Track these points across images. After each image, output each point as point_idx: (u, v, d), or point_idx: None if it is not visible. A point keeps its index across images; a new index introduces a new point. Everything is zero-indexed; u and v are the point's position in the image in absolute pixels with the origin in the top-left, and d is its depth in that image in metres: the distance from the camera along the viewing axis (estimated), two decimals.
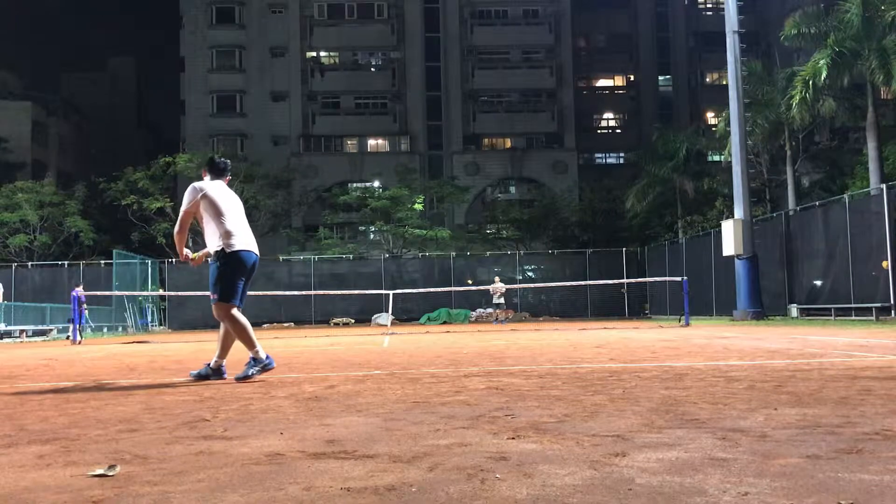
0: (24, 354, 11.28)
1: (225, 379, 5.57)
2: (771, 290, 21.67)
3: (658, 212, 36.37)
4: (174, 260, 35.37)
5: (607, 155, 58.10)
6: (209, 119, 52.59)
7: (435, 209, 43.44)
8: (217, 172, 5.83)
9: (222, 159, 5.97)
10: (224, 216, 5.50)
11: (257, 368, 5.43)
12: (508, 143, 54.30)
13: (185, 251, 5.65)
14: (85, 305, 21.44)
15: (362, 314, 31.89)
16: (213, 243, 5.52)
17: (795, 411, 3.24)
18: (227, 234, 5.46)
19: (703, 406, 3.47)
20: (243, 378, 5.37)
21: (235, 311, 5.49)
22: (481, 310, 32.07)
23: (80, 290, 21.52)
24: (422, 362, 6.94)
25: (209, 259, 5.57)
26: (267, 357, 5.48)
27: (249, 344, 5.47)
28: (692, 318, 20.30)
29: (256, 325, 31.77)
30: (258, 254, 5.70)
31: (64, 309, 24.60)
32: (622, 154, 55.69)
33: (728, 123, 24.01)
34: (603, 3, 55.53)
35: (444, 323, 29.26)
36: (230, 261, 5.46)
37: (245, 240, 5.56)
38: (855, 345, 8.07)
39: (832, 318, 18.21)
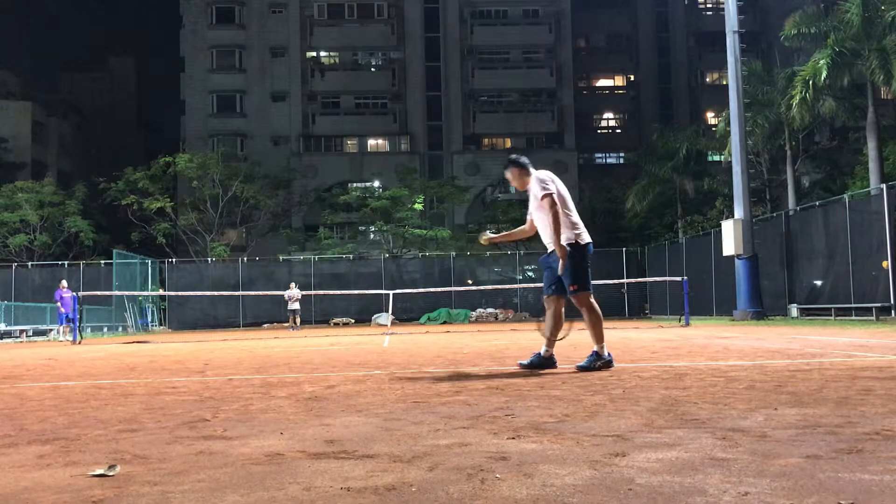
0: (24, 354, 11.28)
1: (556, 368, 5.67)
2: (771, 290, 21.66)
3: (658, 212, 36.36)
4: (174, 260, 35.39)
5: (607, 155, 58.11)
6: (209, 119, 52.58)
7: (435, 209, 43.43)
8: (525, 168, 5.90)
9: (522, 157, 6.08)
10: (571, 209, 5.69)
11: (599, 363, 5.57)
12: (508, 143, 54.28)
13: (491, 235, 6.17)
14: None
15: (362, 314, 31.88)
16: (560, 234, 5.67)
17: (795, 411, 3.24)
18: (574, 226, 5.64)
19: (703, 406, 3.47)
20: (585, 368, 5.49)
21: (593, 300, 5.66)
22: (481, 309, 32.09)
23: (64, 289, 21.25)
24: (422, 362, 6.94)
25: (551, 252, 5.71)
26: (608, 354, 5.66)
27: (598, 337, 5.62)
28: (692, 318, 20.30)
29: (256, 324, 31.89)
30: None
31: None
32: (622, 154, 55.70)
33: (728, 123, 24.01)
34: (603, 3, 55.52)
35: (444, 323, 29.25)
36: (583, 251, 5.63)
37: (586, 231, 5.79)
38: (855, 345, 8.07)
39: (832, 318, 18.20)
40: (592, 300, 5.64)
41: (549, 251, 5.76)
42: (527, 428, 2.96)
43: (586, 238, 5.66)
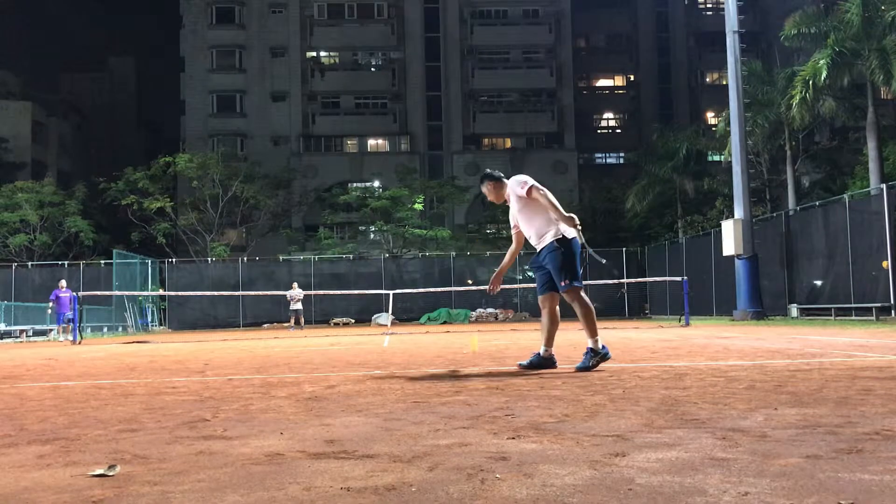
0: (24, 354, 11.28)
1: (556, 368, 5.64)
2: (771, 290, 21.66)
3: (658, 212, 36.36)
4: (174, 260, 35.39)
5: (607, 155, 58.13)
6: (209, 119, 52.59)
7: (435, 209, 43.43)
8: (500, 180, 5.94)
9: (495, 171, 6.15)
10: (556, 206, 5.60)
11: (596, 360, 5.52)
12: (508, 143, 54.30)
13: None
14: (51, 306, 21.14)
15: (362, 314, 31.89)
16: (546, 233, 5.64)
17: (795, 411, 3.24)
18: (557, 222, 5.61)
19: (703, 406, 3.47)
20: (583, 368, 5.46)
21: (584, 294, 5.64)
22: (481, 309, 32.09)
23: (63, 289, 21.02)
24: (422, 362, 6.94)
25: (546, 248, 5.66)
26: (603, 347, 5.59)
27: (592, 331, 5.58)
28: (692, 318, 20.30)
29: (256, 325, 31.86)
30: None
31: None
32: (622, 154, 55.71)
33: (728, 123, 24.01)
34: (603, 3, 55.53)
35: (445, 323, 29.25)
36: (570, 245, 5.61)
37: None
38: (855, 345, 8.07)
39: (832, 318, 18.21)
40: (583, 294, 5.64)
41: (538, 251, 5.78)
42: (527, 428, 2.96)
43: (571, 233, 5.68)
